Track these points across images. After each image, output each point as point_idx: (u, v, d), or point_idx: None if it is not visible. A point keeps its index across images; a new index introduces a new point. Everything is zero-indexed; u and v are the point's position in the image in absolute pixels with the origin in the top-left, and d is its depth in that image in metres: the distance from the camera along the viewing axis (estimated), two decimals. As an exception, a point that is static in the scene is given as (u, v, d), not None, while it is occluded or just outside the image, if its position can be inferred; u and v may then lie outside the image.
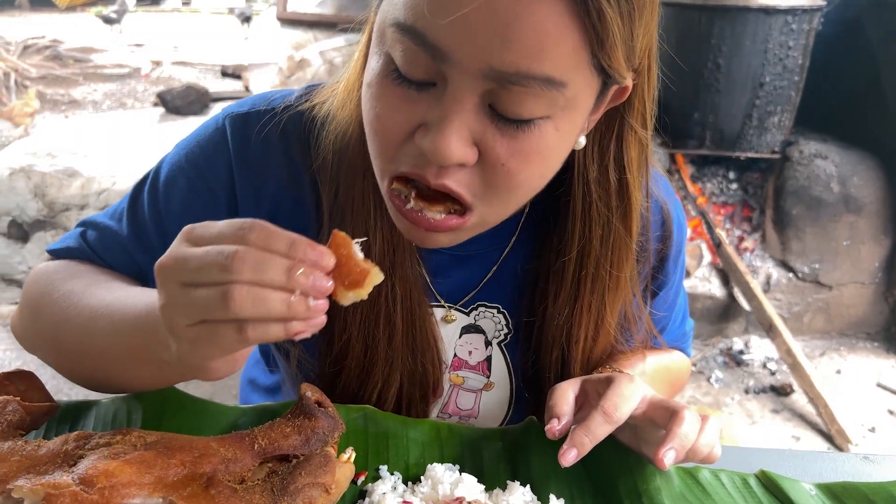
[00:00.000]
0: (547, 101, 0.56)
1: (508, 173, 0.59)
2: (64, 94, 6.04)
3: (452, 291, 0.83)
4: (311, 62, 3.68)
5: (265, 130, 0.77)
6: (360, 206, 0.74)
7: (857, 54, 3.09)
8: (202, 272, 0.50)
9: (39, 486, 0.56)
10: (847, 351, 2.92)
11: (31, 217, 3.01)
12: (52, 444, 0.63)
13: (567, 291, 0.77)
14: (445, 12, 0.53)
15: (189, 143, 0.81)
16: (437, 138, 0.56)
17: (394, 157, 0.62)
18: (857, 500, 0.71)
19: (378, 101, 0.60)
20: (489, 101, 0.57)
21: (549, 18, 0.53)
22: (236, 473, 0.65)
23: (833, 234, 2.95)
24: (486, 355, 0.85)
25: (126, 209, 0.82)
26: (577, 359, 0.81)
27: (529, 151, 0.59)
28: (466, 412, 0.88)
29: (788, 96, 2.89)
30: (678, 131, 2.96)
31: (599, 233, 0.74)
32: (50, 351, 0.76)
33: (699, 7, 2.76)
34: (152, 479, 0.60)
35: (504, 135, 0.58)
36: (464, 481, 0.68)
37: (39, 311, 0.76)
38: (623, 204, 0.73)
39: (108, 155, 3.10)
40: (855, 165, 2.95)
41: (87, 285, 0.73)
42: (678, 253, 0.89)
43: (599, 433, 0.66)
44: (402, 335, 0.78)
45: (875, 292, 3.02)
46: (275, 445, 0.67)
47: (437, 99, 0.57)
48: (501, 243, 0.82)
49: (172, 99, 3.37)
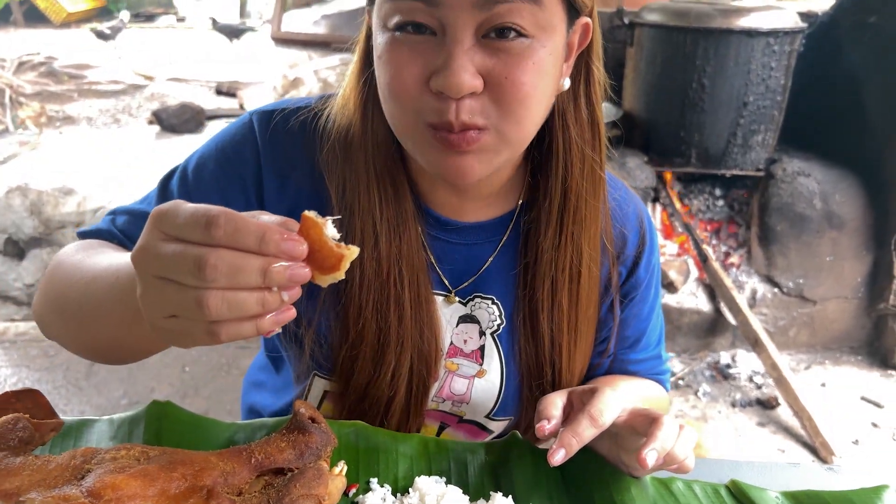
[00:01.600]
0: (530, 20, 0.66)
1: (514, 85, 0.68)
2: (59, 111, 6.07)
3: (453, 277, 0.89)
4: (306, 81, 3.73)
5: (288, 125, 0.84)
6: (365, 200, 0.81)
7: (839, 75, 3.16)
8: (175, 272, 0.49)
9: (50, 498, 0.60)
10: (831, 364, 2.97)
11: (26, 234, 3.03)
12: (61, 459, 0.66)
13: (553, 224, 0.84)
14: None
15: (218, 137, 0.87)
16: (449, 74, 0.65)
17: (418, 110, 0.69)
18: (820, 509, 0.76)
19: (391, 63, 0.69)
20: (483, 33, 0.66)
21: None
22: (234, 486, 0.68)
23: (816, 249, 3.00)
24: (480, 344, 0.90)
25: (156, 195, 0.86)
26: (566, 299, 0.86)
27: (525, 63, 0.68)
28: (459, 397, 0.92)
29: (772, 115, 2.95)
30: (665, 150, 3.02)
31: (579, 166, 0.82)
32: (58, 320, 0.77)
33: (684, 29, 2.83)
34: (156, 492, 0.63)
35: (501, 56, 0.67)
36: (449, 492, 0.72)
37: (48, 283, 0.78)
38: (594, 135, 0.82)
39: (104, 173, 3.13)
40: (837, 183, 3.01)
41: (96, 254, 0.76)
42: (649, 261, 0.95)
43: (586, 435, 0.71)
44: (411, 316, 0.83)
45: (858, 307, 3.07)
46: (271, 459, 0.71)
47: (440, 44, 0.67)
48: (498, 235, 0.88)
49: (168, 117, 3.40)
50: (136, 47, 7.80)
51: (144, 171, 3.16)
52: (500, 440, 0.83)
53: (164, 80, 6.59)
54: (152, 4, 10.44)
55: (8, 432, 0.67)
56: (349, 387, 0.88)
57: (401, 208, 0.83)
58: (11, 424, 0.68)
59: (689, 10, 2.86)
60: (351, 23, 4.62)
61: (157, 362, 2.77)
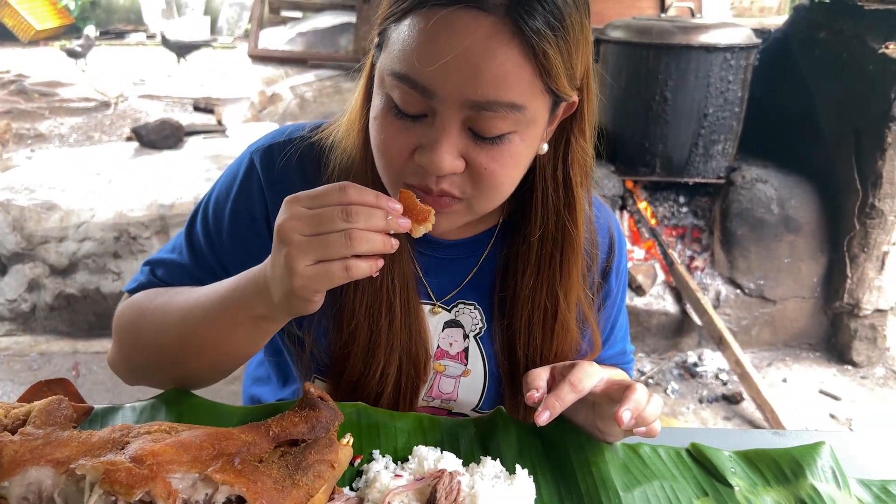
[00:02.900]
0: (512, 121, 0.74)
1: (490, 175, 0.77)
2: (30, 129, 6.05)
3: (438, 289, 0.98)
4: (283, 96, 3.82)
5: (285, 158, 0.93)
6: None
7: (791, 87, 3.33)
8: (325, 223, 0.68)
9: (99, 463, 0.68)
10: (792, 361, 3.12)
11: (8, 250, 3.05)
12: (102, 433, 0.74)
13: (531, 267, 0.93)
14: (430, 62, 0.71)
15: (226, 181, 0.96)
16: (433, 155, 0.74)
17: (400, 172, 0.79)
18: (767, 463, 0.87)
19: (383, 130, 0.78)
20: (469, 125, 0.74)
21: (509, 60, 0.71)
22: (256, 455, 0.77)
23: (775, 252, 3.15)
24: (465, 346, 1.00)
25: (184, 242, 0.96)
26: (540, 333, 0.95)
27: (504, 159, 0.77)
28: (447, 395, 1.02)
29: (730, 126, 3.10)
30: (630, 160, 3.15)
31: (554, 218, 0.91)
32: (153, 362, 0.90)
33: (647, 46, 2.97)
34: (189, 458, 0.72)
35: (482, 148, 0.76)
36: (445, 458, 0.82)
37: (136, 332, 0.90)
38: (568, 196, 0.90)
39: (86, 188, 3.16)
40: (792, 189, 3.17)
41: (173, 295, 0.89)
42: (618, 269, 1.05)
43: (567, 399, 0.81)
44: (401, 321, 0.92)
45: (815, 306, 3.23)
46: (286, 432, 0.80)
47: (429, 126, 0.75)
48: (479, 251, 0.98)
49: (147, 133, 3.46)
50: (107, 65, 7.78)
51: (126, 187, 3.21)
52: (486, 415, 0.93)
53: (137, 97, 6.61)
54: (121, 21, 10.41)
55: (55, 410, 0.75)
56: (341, 382, 0.97)
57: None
58: (56, 404, 0.76)
59: (651, 28, 3.01)
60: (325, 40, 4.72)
61: (141, 373, 2.81)
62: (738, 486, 0.83)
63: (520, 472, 0.80)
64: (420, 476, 0.79)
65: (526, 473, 0.80)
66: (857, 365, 3.09)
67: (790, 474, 0.85)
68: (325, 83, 3.85)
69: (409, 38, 0.72)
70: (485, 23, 0.70)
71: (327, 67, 3.94)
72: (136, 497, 0.67)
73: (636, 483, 0.82)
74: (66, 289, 3.02)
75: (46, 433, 0.72)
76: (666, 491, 0.80)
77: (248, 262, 0.83)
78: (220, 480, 0.70)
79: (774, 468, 0.86)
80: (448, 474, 0.77)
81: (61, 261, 3.01)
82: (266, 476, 0.73)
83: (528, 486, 0.79)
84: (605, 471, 0.84)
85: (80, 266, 3.02)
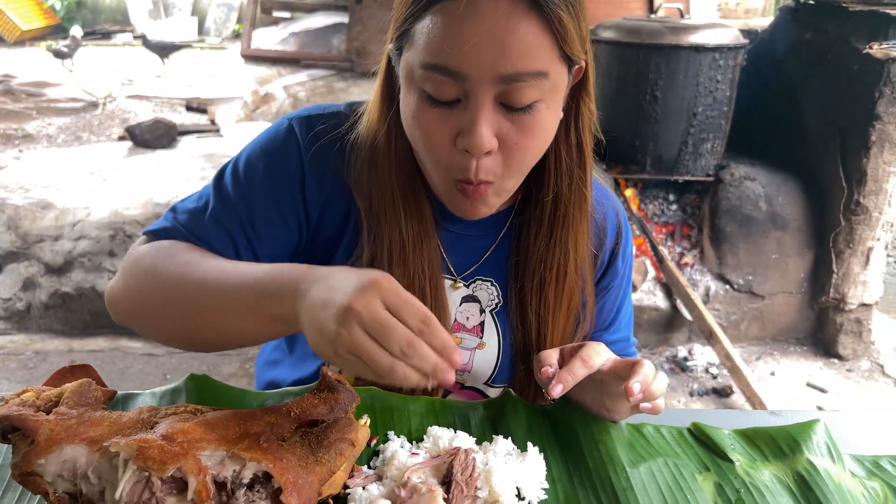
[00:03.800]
0: (539, 89, 0.79)
1: (522, 150, 0.82)
2: (17, 129, 6.02)
3: (458, 265, 1.02)
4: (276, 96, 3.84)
5: (325, 129, 0.96)
6: (391, 210, 0.94)
7: (778, 86, 3.40)
8: (385, 339, 0.66)
9: (133, 441, 0.71)
10: (780, 355, 3.19)
11: (3, 249, 3.05)
12: (131, 414, 0.77)
13: (544, 229, 0.98)
14: (460, 47, 0.75)
15: (262, 141, 0.98)
16: (473, 136, 0.78)
17: (448, 168, 0.83)
18: (764, 440, 0.91)
19: (423, 123, 0.82)
20: (500, 100, 0.79)
21: (530, 32, 0.76)
22: (278, 434, 0.80)
23: (763, 248, 3.22)
24: (480, 321, 1.04)
25: (211, 191, 0.96)
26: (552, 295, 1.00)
27: (533, 128, 0.81)
28: (462, 367, 1.04)
29: (719, 125, 3.16)
30: (621, 158, 3.20)
31: (567, 181, 0.95)
32: (154, 316, 0.89)
33: (637, 46, 3.03)
34: (217, 437, 0.75)
35: (514, 122, 0.80)
36: (459, 437, 0.85)
37: (151, 278, 0.88)
38: (581, 156, 0.95)
39: (80, 187, 3.17)
40: (780, 186, 3.24)
41: (195, 258, 0.87)
42: (625, 252, 1.09)
43: (579, 374, 0.84)
44: (428, 303, 0.96)
45: (802, 301, 3.29)
46: (307, 413, 0.83)
47: (465, 109, 0.79)
48: (498, 228, 1.02)
49: (141, 133, 3.46)
50: (94, 65, 7.76)
51: (121, 186, 3.22)
52: (495, 398, 0.96)
53: (125, 97, 6.60)
54: (108, 22, 10.36)
55: (86, 392, 0.78)
56: None
57: (424, 225, 0.96)
58: (87, 386, 0.79)
59: (641, 28, 3.06)
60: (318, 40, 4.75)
61: (138, 371, 2.83)
62: (739, 461, 0.87)
63: (531, 450, 0.84)
64: (436, 454, 0.82)
65: (537, 451, 0.84)
66: (843, 358, 3.16)
67: (787, 450, 0.89)
68: (317, 83, 3.88)
69: (435, 29, 0.76)
70: (503, 1, 0.75)
71: (320, 67, 3.98)
72: (168, 473, 0.70)
73: (641, 459, 0.86)
74: (62, 287, 3.02)
75: (80, 413, 0.75)
76: (670, 467, 0.84)
77: (277, 217, 0.89)
78: (248, 457, 0.73)
79: (772, 444, 0.90)
80: (463, 451, 0.81)
81: (56, 259, 3.02)
82: (290, 454, 0.76)
83: (539, 462, 0.83)
84: (612, 448, 0.87)
85: (76, 264, 3.02)
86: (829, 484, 0.83)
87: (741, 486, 0.83)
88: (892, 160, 2.92)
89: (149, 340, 3.01)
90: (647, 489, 0.80)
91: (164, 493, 0.70)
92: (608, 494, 0.80)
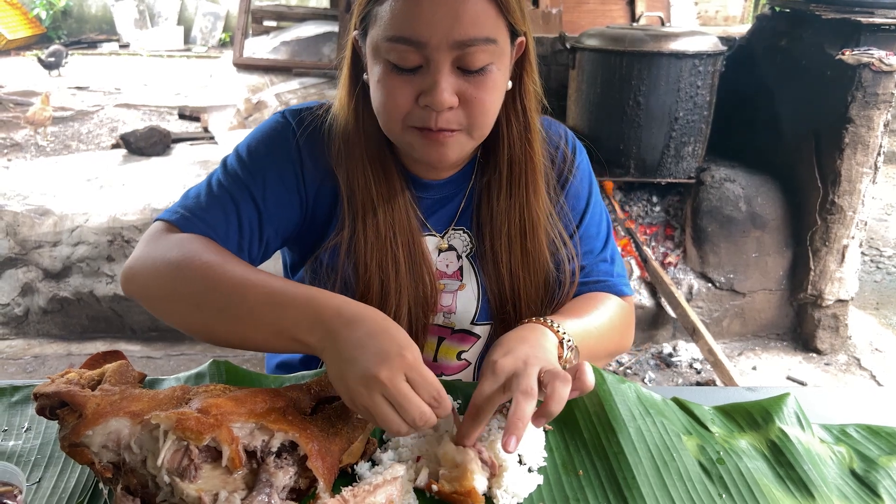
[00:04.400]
0: (489, 53, 0.91)
1: (480, 103, 0.94)
2: (6, 138, 6.04)
3: (437, 225, 1.13)
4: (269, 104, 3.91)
5: (313, 120, 1.07)
6: (362, 181, 1.05)
7: (757, 91, 3.50)
8: (405, 412, 0.76)
9: (172, 413, 0.78)
10: (761, 350, 3.29)
11: (2, 255, 3.09)
12: (166, 392, 0.84)
13: (503, 190, 1.09)
14: (419, 18, 0.88)
15: (259, 131, 1.09)
16: (434, 94, 0.90)
17: (404, 119, 0.94)
18: (741, 414, 0.99)
19: (387, 88, 0.93)
20: (457, 64, 0.91)
21: (479, 3, 0.89)
22: (301, 409, 0.88)
23: (743, 247, 3.32)
24: (459, 266, 1.14)
25: (220, 176, 1.05)
26: (519, 250, 1.10)
27: (488, 86, 0.93)
28: (447, 308, 1.15)
29: (700, 128, 3.25)
30: (606, 161, 3.25)
31: (518, 143, 1.07)
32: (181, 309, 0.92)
33: (620, 53, 3.11)
34: (246, 411, 0.82)
35: (471, 82, 0.92)
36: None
37: (175, 276, 0.92)
38: (526, 120, 1.06)
39: (78, 194, 3.21)
40: (758, 187, 3.34)
41: (225, 260, 0.93)
42: (580, 168, 1.17)
43: (528, 413, 0.80)
44: (406, 270, 1.06)
45: (781, 298, 3.40)
46: (325, 390, 0.91)
47: (426, 74, 0.91)
48: (465, 183, 1.13)
49: (136, 140, 3.52)
50: (81, 74, 7.78)
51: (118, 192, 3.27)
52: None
53: (113, 105, 6.63)
54: (94, 31, 10.37)
55: (125, 371, 0.86)
56: None
57: (391, 184, 1.06)
58: (125, 367, 0.86)
59: (624, 36, 3.16)
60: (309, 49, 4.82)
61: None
62: (717, 432, 0.96)
63: (530, 421, 0.92)
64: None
65: (535, 422, 0.92)
66: (821, 353, 3.27)
67: (761, 421, 0.98)
68: (309, 90, 3.96)
69: (397, 6, 0.89)
70: None
71: (311, 75, 4.06)
72: (205, 442, 0.77)
73: (632, 419, 0.92)
74: (60, 292, 3.07)
75: (122, 389, 0.82)
76: (658, 427, 0.92)
77: (285, 194, 1.02)
78: (276, 428, 0.81)
79: (747, 417, 0.99)
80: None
81: (55, 265, 3.06)
82: (314, 425, 0.84)
83: (539, 432, 0.91)
84: (604, 419, 0.93)
85: (74, 270, 3.07)
86: (798, 448, 0.91)
87: (721, 449, 0.91)
88: (865, 161, 3.04)
89: (147, 341, 3.05)
90: (637, 450, 0.88)
91: (200, 460, 0.77)
92: (601, 458, 0.88)
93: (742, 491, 0.85)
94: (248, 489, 0.77)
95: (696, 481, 0.85)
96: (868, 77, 2.91)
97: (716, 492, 0.84)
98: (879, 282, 4.10)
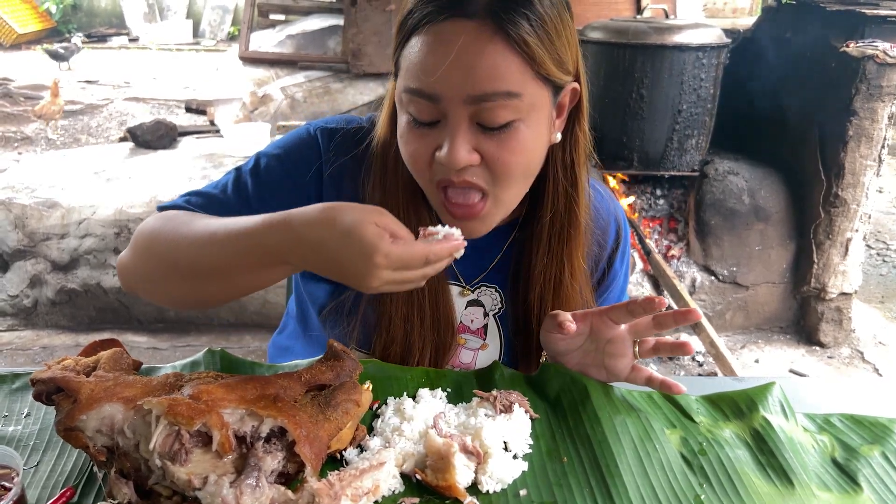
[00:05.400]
0: (512, 109, 0.84)
1: (504, 164, 0.87)
2: (16, 132, 6.10)
3: (466, 273, 1.10)
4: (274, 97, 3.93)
5: (345, 142, 1.03)
6: (394, 206, 0.99)
7: (760, 84, 3.48)
8: (408, 271, 0.78)
9: (164, 399, 0.80)
10: (763, 343, 3.29)
11: (10, 247, 3.14)
12: (159, 378, 0.86)
13: (543, 245, 1.04)
14: (431, 72, 0.83)
15: (284, 143, 1.05)
16: (450, 152, 0.85)
17: (428, 174, 0.91)
18: (727, 403, 1.01)
19: (408, 142, 0.90)
20: (476, 119, 0.85)
21: (497, 54, 0.82)
22: (291, 396, 0.90)
23: (746, 240, 3.31)
24: (484, 324, 1.12)
25: (231, 183, 1.02)
26: (550, 306, 1.06)
27: (512, 145, 0.86)
28: (465, 366, 1.14)
29: (703, 121, 3.25)
30: (610, 154, 3.27)
31: (563, 200, 1.02)
32: (163, 276, 0.92)
33: (624, 45, 3.11)
34: (237, 397, 0.84)
35: (492, 139, 0.86)
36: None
37: (154, 243, 0.91)
38: (574, 177, 1.01)
39: (85, 186, 3.25)
40: (762, 180, 3.33)
41: (197, 217, 0.92)
42: (624, 253, 1.17)
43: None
44: (431, 319, 1.04)
45: (784, 291, 3.39)
46: (316, 378, 0.93)
47: (443, 128, 0.86)
48: (504, 239, 1.09)
49: (143, 133, 3.55)
50: (91, 68, 7.83)
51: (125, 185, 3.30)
52: (484, 368, 1.06)
53: (122, 99, 6.68)
54: (103, 25, 10.43)
55: (120, 359, 0.88)
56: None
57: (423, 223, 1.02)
58: (120, 354, 0.89)
59: (627, 28, 3.15)
60: (314, 42, 4.84)
61: (143, 364, 2.91)
62: (702, 422, 0.97)
63: (517, 409, 0.93)
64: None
65: (523, 411, 0.94)
66: (824, 346, 3.27)
67: (745, 410, 0.99)
68: (314, 84, 3.97)
69: (412, 58, 0.85)
70: (469, 27, 0.82)
71: (317, 69, 4.07)
72: (195, 427, 0.79)
73: (617, 412, 0.95)
74: (68, 284, 3.11)
75: (116, 376, 0.84)
76: (641, 421, 0.94)
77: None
78: (265, 414, 0.83)
79: (733, 406, 1.00)
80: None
81: (63, 257, 3.10)
82: (302, 412, 0.86)
83: (524, 420, 0.93)
84: (590, 408, 0.96)
85: (82, 262, 3.11)
86: (781, 437, 0.93)
87: (704, 440, 0.93)
88: (869, 154, 3.03)
89: (153, 332, 3.09)
90: (620, 440, 0.90)
91: (191, 444, 0.79)
92: (585, 447, 0.90)
93: (722, 480, 0.86)
94: (238, 473, 0.79)
95: (677, 472, 0.87)
96: (872, 69, 2.89)
97: (696, 481, 0.86)
98: (885, 275, 4.08)
